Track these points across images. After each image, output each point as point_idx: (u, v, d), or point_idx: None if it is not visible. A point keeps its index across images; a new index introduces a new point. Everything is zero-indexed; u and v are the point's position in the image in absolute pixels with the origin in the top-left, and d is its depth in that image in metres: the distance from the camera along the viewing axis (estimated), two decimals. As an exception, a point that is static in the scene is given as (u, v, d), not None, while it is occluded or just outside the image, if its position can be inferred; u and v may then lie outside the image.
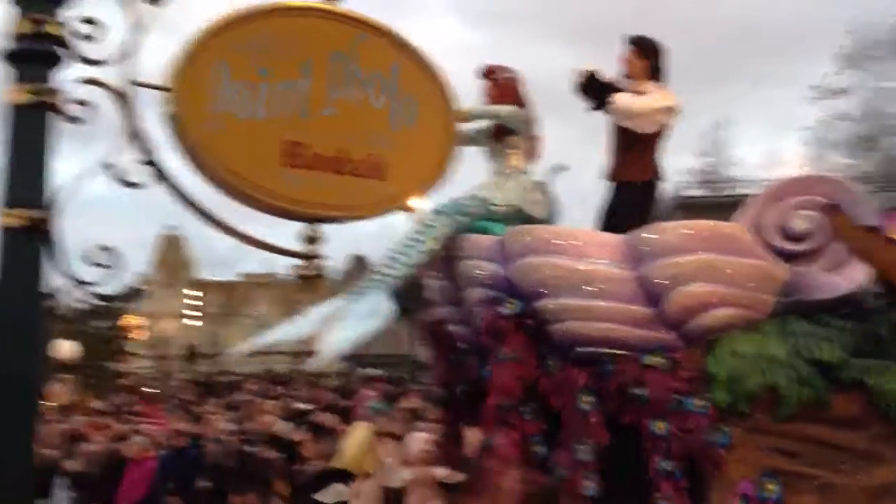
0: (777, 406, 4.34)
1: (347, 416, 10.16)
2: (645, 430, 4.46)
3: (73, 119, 2.01)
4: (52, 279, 2.12)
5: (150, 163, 2.13)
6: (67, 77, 2.06)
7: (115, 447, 12.50)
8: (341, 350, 4.66)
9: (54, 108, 2.02)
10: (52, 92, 2.01)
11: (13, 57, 2.05)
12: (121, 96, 2.11)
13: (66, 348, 33.04)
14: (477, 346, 4.86)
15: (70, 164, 2.06)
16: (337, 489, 7.91)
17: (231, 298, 60.45)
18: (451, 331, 5.12)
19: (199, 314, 55.88)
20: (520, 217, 5.06)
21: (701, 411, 4.42)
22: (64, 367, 31.51)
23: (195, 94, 2.10)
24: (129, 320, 51.77)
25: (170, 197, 2.22)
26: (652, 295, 4.50)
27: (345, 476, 8.01)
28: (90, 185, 2.12)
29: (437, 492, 6.95)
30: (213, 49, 2.12)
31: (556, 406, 4.61)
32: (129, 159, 2.10)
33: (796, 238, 4.79)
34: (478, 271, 4.75)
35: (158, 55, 2.12)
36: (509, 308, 4.57)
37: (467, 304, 4.88)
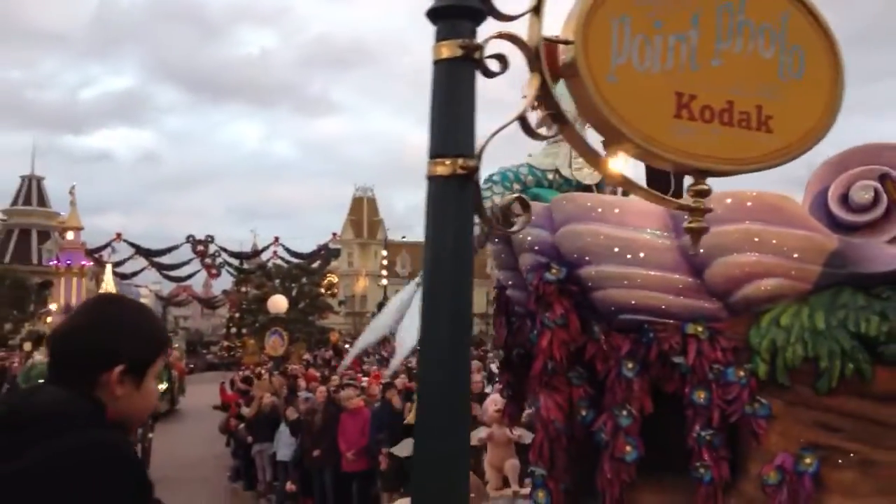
0: (818, 379, 4.26)
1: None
2: (686, 398, 4.50)
3: (490, 73, 2.25)
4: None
5: (555, 115, 2.36)
6: (483, 33, 2.32)
7: (332, 398, 13.52)
8: (414, 346, 5.03)
9: (477, 63, 2.26)
10: (478, 47, 2.25)
11: (439, 14, 2.32)
12: (531, 51, 2.32)
13: (280, 303, 35.12)
14: (530, 311, 4.99)
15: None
16: (411, 444, 8.23)
17: (418, 258, 62.06)
18: (510, 295, 5.28)
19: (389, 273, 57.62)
20: (574, 184, 5.14)
21: (741, 382, 4.40)
22: (279, 320, 33.56)
23: (596, 46, 2.28)
24: (329, 279, 54.49)
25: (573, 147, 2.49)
26: (694, 264, 4.49)
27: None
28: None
29: (513, 451, 7.13)
30: (613, 2, 2.34)
31: (602, 372, 4.70)
32: (537, 112, 2.33)
33: (858, 209, 4.64)
34: (528, 237, 4.88)
35: (560, 9, 2.37)
36: (554, 274, 4.69)
37: (521, 270, 5.02)
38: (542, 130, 2.30)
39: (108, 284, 45.93)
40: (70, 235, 46.34)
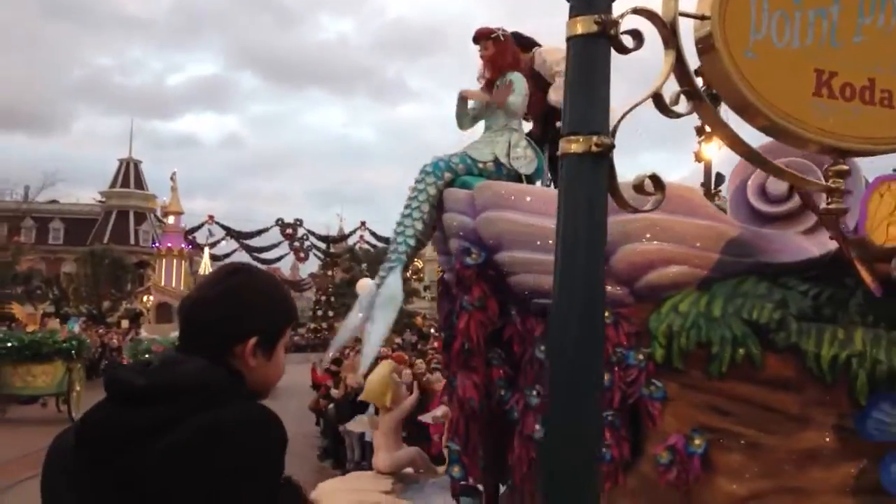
0: (710, 363, 4.38)
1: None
2: (591, 379, 4.65)
3: (625, 50, 2.25)
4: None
5: (690, 92, 2.40)
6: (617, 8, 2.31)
7: (419, 380, 13.95)
8: (378, 348, 5.37)
9: (611, 39, 2.31)
10: (615, 23, 2.31)
11: None
12: (667, 26, 2.17)
13: (367, 286, 35.90)
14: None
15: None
16: (363, 419, 8.47)
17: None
18: (446, 279, 5.51)
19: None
20: (504, 173, 5.33)
21: (640, 365, 4.55)
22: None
23: (734, 22, 2.29)
24: (416, 263, 55.01)
25: (709, 126, 2.55)
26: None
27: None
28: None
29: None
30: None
31: (519, 353, 4.90)
32: (672, 90, 2.32)
33: (775, 200, 4.72)
34: (454, 223, 5.11)
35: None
36: (473, 259, 4.90)
37: (453, 254, 5.25)
38: (677, 108, 2.20)
39: (206, 267, 47.35)
40: (170, 219, 48.06)
